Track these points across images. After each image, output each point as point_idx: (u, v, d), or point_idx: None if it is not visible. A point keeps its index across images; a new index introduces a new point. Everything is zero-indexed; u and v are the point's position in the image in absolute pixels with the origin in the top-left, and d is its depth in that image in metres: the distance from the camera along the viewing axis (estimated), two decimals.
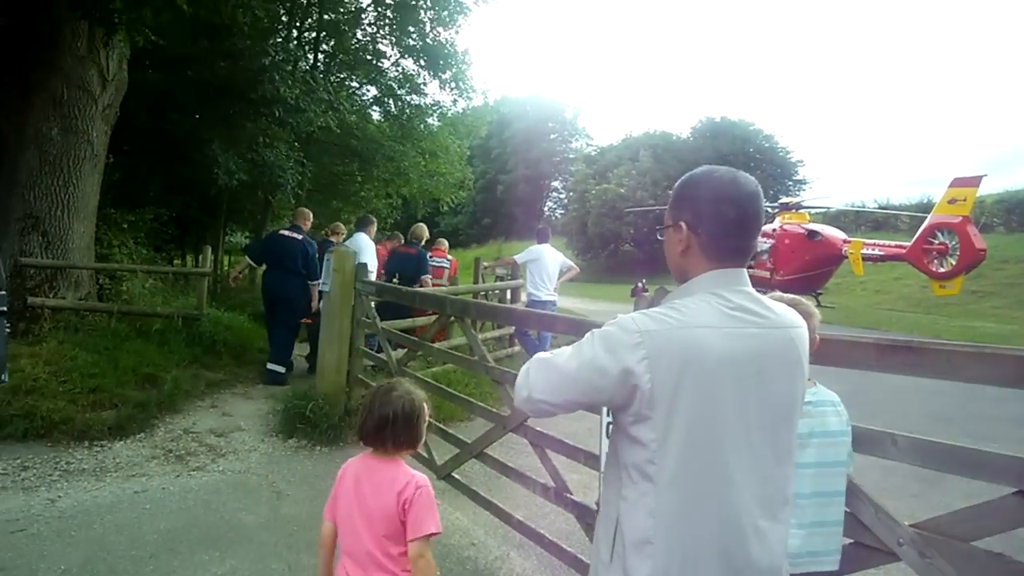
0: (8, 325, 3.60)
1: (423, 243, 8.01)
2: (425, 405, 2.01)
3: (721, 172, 1.37)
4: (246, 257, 8.22)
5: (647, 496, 1.26)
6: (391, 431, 1.92)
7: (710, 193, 1.35)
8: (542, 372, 1.39)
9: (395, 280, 7.43)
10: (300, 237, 7.03)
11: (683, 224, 1.36)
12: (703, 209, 1.34)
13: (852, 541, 1.94)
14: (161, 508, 3.80)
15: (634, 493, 1.29)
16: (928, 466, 1.81)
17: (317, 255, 7.00)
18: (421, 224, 8.26)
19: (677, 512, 1.24)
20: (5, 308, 3.53)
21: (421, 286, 7.27)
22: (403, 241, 8.25)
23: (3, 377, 3.58)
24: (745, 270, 1.36)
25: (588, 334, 1.34)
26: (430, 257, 8.17)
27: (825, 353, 1.90)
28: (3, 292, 3.55)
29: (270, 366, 6.82)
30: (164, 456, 4.65)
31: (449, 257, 9.05)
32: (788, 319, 1.34)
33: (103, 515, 3.65)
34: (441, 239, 9.56)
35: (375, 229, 7.63)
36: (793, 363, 1.32)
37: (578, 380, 1.32)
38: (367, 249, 7.14)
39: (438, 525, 1.92)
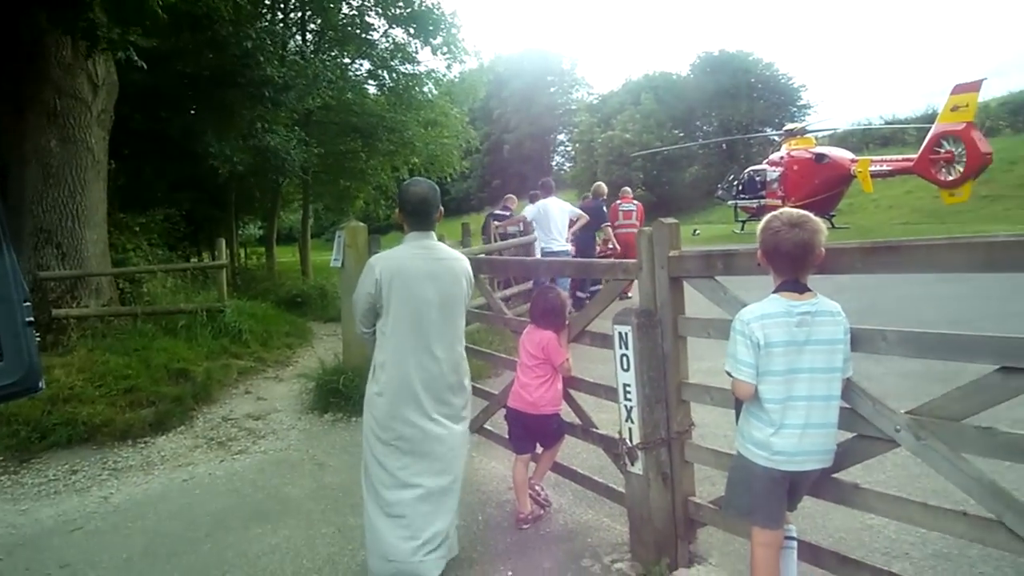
0: (37, 336, 3.62)
1: (605, 196, 9.71)
2: (567, 303, 3.31)
3: (412, 184, 2.67)
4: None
5: (383, 343, 2.57)
6: (546, 317, 3.16)
7: (402, 194, 2.66)
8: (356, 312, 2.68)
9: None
10: (509, 214, 9.49)
11: (398, 208, 2.68)
12: (402, 202, 2.64)
13: (855, 435, 2.00)
14: (210, 492, 3.90)
15: (381, 340, 2.58)
16: (917, 355, 1.86)
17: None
18: (600, 183, 10.13)
19: (393, 350, 2.53)
20: (32, 318, 3.54)
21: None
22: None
23: (40, 384, 3.61)
24: (431, 232, 2.63)
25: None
26: (619, 202, 10.16)
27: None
28: (27, 303, 3.56)
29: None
30: (206, 444, 4.76)
31: (635, 202, 10.39)
32: (452, 255, 2.65)
33: (156, 505, 3.75)
34: (626, 188, 11.11)
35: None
36: (455, 277, 2.60)
37: (362, 299, 2.57)
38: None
39: (564, 355, 3.11)
